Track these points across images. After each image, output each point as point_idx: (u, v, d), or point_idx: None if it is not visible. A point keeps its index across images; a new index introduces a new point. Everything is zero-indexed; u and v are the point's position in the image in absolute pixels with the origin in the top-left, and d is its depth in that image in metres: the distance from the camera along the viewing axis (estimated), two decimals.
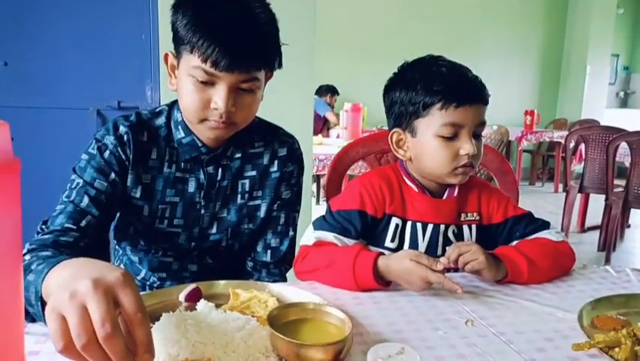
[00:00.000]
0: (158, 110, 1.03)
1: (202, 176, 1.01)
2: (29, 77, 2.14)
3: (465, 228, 1.05)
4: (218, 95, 0.88)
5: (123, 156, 0.95)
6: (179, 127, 0.99)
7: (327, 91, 5.86)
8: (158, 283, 1.08)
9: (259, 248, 1.10)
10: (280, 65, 0.95)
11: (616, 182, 3.51)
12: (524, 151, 6.11)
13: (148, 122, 1.00)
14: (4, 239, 0.35)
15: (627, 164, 3.56)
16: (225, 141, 1.00)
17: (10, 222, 0.35)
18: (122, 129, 0.96)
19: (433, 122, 0.97)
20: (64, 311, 0.50)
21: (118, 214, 1.02)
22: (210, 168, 1.01)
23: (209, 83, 0.88)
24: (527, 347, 0.71)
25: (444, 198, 1.04)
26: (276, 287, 0.85)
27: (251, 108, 0.95)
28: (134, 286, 0.53)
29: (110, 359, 0.49)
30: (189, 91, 0.89)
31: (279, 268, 1.10)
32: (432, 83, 0.96)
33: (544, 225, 1.05)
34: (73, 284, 0.51)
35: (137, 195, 0.98)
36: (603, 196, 3.57)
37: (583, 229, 4.27)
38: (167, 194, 1.00)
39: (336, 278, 0.90)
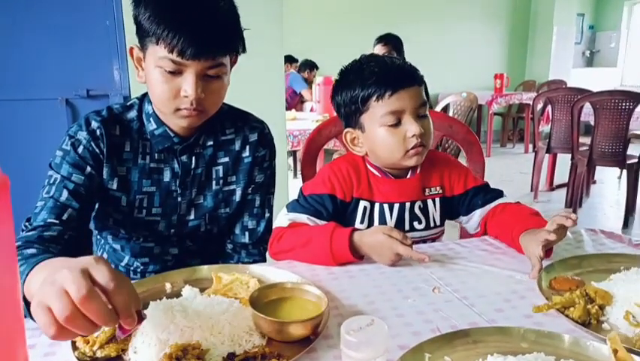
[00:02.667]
0: (129, 103, 1.05)
1: (176, 165, 1.04)
2: None
3: (429, 202, 1.13)
4: (187, 83, 0.91)
5: (97, 150, 0.98)
6: (151, 119, 1.02)
7: (306, 66, 5.83)
8: (142, 267, 1.12)
9: (237, 230, 1.14)
10: (244, 49, 0.98)
11: (581, 140, 3.64)
12: (495, 114, 6.24)
13: (119, 115, 1.02)
14: None
15: (592, 122, 3.70)
16: (196, 130, 1.03)
17: (2, 239, 0.38)
18: (94, 124, 0.98)
19: (374, 115, 1.03)
20: (48, 300, 0.53)
21: (98, 205, 1.04)
22: (184, 157, 1.04)
23: (177, 72, 0.90)
24: (488, 308, 0.78)
25: (408, 177, 1.11)
26: (257, 268, 0.90)
27: (219, 94, 0.98)
28: (106, 263, 0.57)
29: (95, 324, 0.54)
30: (158, 82, 0.91)
31: (257, 248, 1.15)
32: (364, 79, 1.03)
33: (500, 193, 1.14)
34: (52, 277, 0.55)
35: (114, 186, 1.01)
36: (569, 155, 3.71)
37: (551, 187, 4.44)
38: (143, 184, 1.03)
39: (314, 255, 0.96)
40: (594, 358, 0.63)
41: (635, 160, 3.40)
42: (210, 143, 1.07)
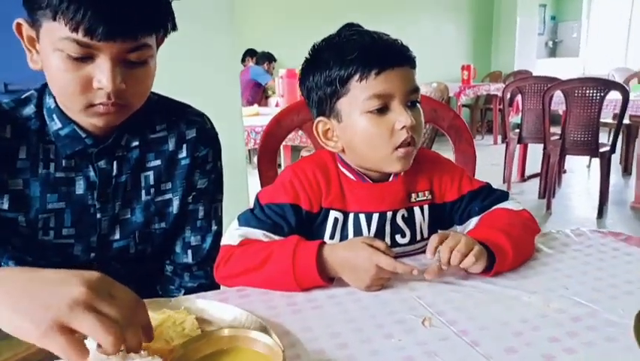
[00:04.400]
0: (23, 97, 0.82)
1: (92, 173, 0.82)
2: None
3: (416, 210, 0.91)
4: (101, 72, 0.70)
5: None
6: (54, 116, 0.79)
7: (264, 58, 5.58)
8: None
9: (178, 249, 0.93)
10: (174, 27, 0.77)
11: (551, 130, 3.57)
12: (463, 106, 6.17)
13: (11, 113, 0.79)
14: None
15: (561, 112, 3.63)
16: (116, 128, 0.81)
17: None
18: None
19: (355, 98, 0.81)
20: (72, 322, 0.45)
21: None
22: (102, 163, 0.82)
23: (85, 57, 0.69)
24: (495, 347, 0.59)
25: (390, 180, 0.90)
26: (195, 303, 0.69)
27: (145, 83, 0.77)
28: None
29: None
30: (60, 70, 0.70)
31: (203, 269, 0.93)
32: (344, 54, 0.80)
33: (503, 195, 0.93)
34: (55, 298, 0.46)
35: (5, 206, 0.78)
36: (540, 145, 3.63)
37: (523, 178, 4.37)
38: (47, 200, 0.80)
39: (271, 278, 0.76)
40: None
41: (608, 148, 3.34)
42: (136, 143, 0.85)
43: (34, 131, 0.80)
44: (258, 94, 5.27)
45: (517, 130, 4.00)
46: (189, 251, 0.93)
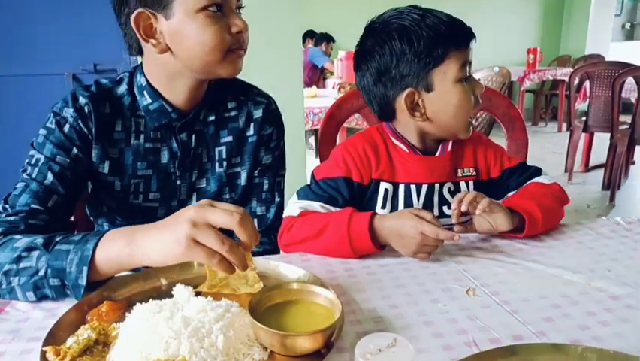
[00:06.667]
0: (118, 78, 0.94)
1: (174, 144, 0.94)
2: (1, 45, 2.01)
3: (462, 184, 1.00)
4: (235, 17, 0.84)
5: (85, 130, 0.87)
6: (145, 92, 0.91)
7: (322, 39, 5.63)
8: None
9: None
10: None
11: (621, 119, 3.39)
12: (527, 91, 5.94)
13: (109, 91, 0.92)
14: None
15: (633, 100, 3.44)
16: (197, 104, 0.92)
17: None
18: (82, 100, 0.88)
19: (450, 69, 0.90)
20: (198, 236, 0.60)
21: (90, 190, 0.95)
22: (183, 135, 0.93)
23: (220, 9, 0.83)
24: (534, 316, 0.65)
25: (437, 155, 0.98)
26: (260, 261, 0.79)
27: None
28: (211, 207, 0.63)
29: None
30: (206, 27, 0.82)
31: (268, 236, 1.04)
32: (437, 29, 0.89)
33: (537, 171, 1.02)
34: (178, 221, 0.62)
35: (106, 170, 0.91)
36: (606, 135, 3.47)
37: (587, 168, 4.20)
38: (138, 167, 0.93)
39: (329, 245, 0.85)
40: None
41: None
42: (212, 118, 0.96)
43: (127, 107, 0.92)
44: (315, 75, 5.34)
45: (584, 118, 3.83)
46: (255, 220, 1.03)
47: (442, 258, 0.83)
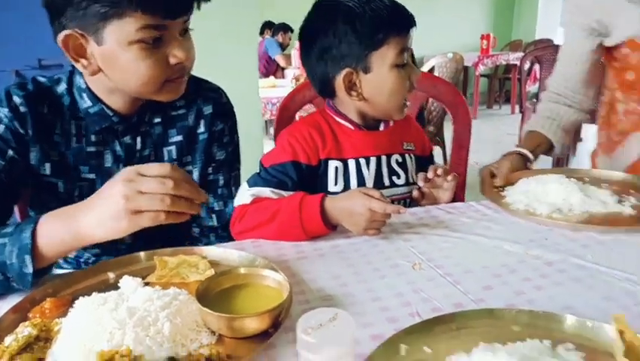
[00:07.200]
0: (56, 77, 0.90)
1: (118, 148, 0.91)
2: None
3: (407, 157, 1.06)
4: (176, 47, 0.79)
5: (22, 131, 0.83)
6: (84, 95, 0.87)
7: (279, 29, 5.58)
8: (93, 259, 1.00)
9: (203, 214, 1.02)
10: None
11: None
12: (481, 76, 6.10)
13: (48, 90, 0.88)
14: None
15: None
16: (139, 107, 0.90)
17: None
18: (17, 100, 0.83)
19: (388, 53, 0.92)
20: (138, 207, 0.61)
21: (32, 192, 0.91)
22: (127, 138, 0.91)
23: (157, 40, 0.77)
24: (474, 286, 0.68)
25: (381, 130, 1.04)
26: (213, 250, 0.79)
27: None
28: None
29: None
30: (140, 59, 0.77)
31: (227, 230, 1.03)
32: (380, 12, 0.90)
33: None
34: (112, 199, 0.62)
35: (47, 172, 0.87)
36: None
37: None
38: (81, 171, 0.90)
39: (282, 230, 0.86)
40: (596, 340, 0.54)
41: None
42: (158, 120, 0.93)
43: (67, 107, 0.88)
44: (272, 66, 5.30)
45: (534, 100, 3.98)
46: (214, 215, 1.02)
47: (390, 236, 0.85)
